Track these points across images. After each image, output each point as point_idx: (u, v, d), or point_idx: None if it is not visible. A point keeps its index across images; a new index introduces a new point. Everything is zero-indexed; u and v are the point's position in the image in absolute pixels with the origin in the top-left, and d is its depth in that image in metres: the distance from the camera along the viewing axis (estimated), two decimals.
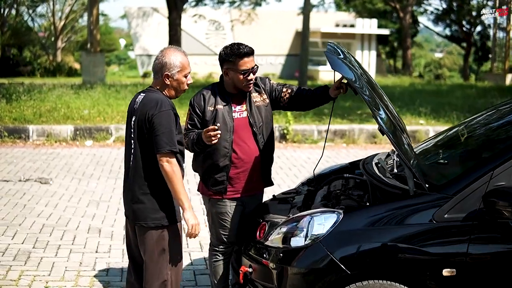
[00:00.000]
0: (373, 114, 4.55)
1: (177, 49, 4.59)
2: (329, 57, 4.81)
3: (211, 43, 41.17)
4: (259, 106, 5.20)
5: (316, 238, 4.44)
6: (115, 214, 8.28)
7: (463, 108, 16.64)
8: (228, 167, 5.10)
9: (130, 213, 4.64)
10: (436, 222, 4.34)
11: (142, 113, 4.45)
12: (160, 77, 4.54)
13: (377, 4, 40.61)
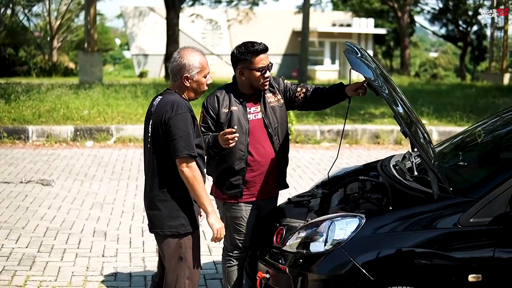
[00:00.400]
0: (396, 116, 4.42)
1: (194, 50, 4.43)
2: (349, 57, 4.67)
3: (207, 43, 41.04)
4: (273, 106, 5.06)
5: (337, 243, 4.31)
6: (120, 216, 8.12)
7: (465, 108, 16.52)
8: (244, 170, 4.96)
9: (148, 220, 4.50)
10: (462, 226, 4.22)
11: (158, 117, 4.31)
12: (179, 79, 4.37)
13: (373, 4, 40.50)
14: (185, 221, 4.36)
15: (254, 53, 4.84)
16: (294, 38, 44.01)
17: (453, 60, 74.69)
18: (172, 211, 4.34)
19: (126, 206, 8.61)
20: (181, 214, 4.35)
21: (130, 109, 14.80)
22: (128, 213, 8.28)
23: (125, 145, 12.92)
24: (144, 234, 7.39)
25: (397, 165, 5.30)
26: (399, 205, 4.53)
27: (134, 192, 9.32)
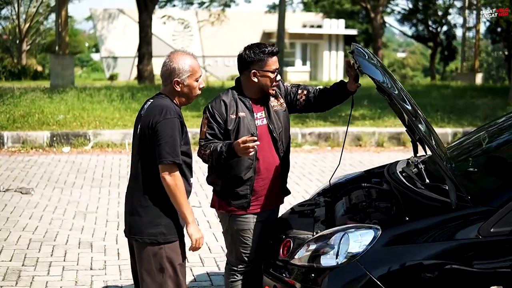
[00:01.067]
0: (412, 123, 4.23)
1: (184, 53, 4.26)
2: (360, 61, 4.46)
3: (178, 45, 40.71)
4: (277, 111, 4.83)
5: (352, 256, 4.08)
6: (105, 226, 7.82)
7: (445, 108, 16.43)
8: (252, 180, 4.71)
9: (126, 226, 4.33)
10: (482, 236, 4.01)
11: (146, 120, 4.15)
12: (170, 83, 4.20)
13: (344, 5, 40.51)
14: (166, 229, 4.18)
15: (269, 54, 4.65)
16: (265, 39, 43.86)
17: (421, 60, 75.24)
18: (153, 218, 4.17)
19: (110, 215, 8.32)
20: (163, 222, 4.18)
21: (106, 113, 14.47)
22: (113, 222, 7.99)
23: (103, 151, 12.59)
24: None
25: (404, 172, 5.09)
26: (413, 214, 4.32)
27: (117, 200, 9.02)
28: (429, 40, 46.85)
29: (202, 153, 4.59)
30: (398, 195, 4.75)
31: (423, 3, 43.39)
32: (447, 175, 4.16)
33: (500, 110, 16.54)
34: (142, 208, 4.18)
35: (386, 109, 16.10)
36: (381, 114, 15.58)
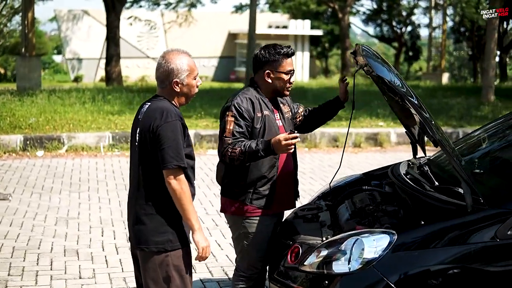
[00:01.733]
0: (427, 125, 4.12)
1: (179, 52, 4.11)
2: (372, 63, 4.35)
3: (143, 46, 40.40)
4: (287, 117, 4.83)
5: (368, 262, 3.97)
6: (89, 233, 7.60)
7: None
8: (274, 178, 4.65)
9: (132, 236, 4.15)
10: (499, 240, 3.93)
11: (146, 124, 3.99)
12: (168, 85, 4.05)
13: (310, 5, 40.51)
14: (172, 236, 4.03)
15: (285, 55, 4.60)
16: (230, 40, 43.74)
17: None
18: (159, 226, 4.02)
19: (92, 220, 8.10)
20: (169, 229, 4.02)
21: (79, 116, 14.18)
22: (96, 228, 7.78)
23: (78, 154, 12.32)
24: (120, 252, 6.91)
25: (408, 174, 4.98)
26: (427, 218, 4.21)
27: (97, 205, 8.80)
28: (393, 40, 47.12)
29: (229, 151, 4.44)
30: (407, 198, 4.65)
31: (387, 4, 43.61)
32: (463, 178, 4.07)
33: (474, 109, 16.63)
34: (147, 216, 4.02)
35: (361, 109, 16.09)
36: (356, 114, 15.53)
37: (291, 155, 4.74)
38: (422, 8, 42.58)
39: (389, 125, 14.61)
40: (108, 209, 8.59)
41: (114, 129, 13.08)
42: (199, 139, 13.02)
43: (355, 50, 5.02)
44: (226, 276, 6.30)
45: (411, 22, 46.76)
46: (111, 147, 12.55)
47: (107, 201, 9.00)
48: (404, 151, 13.43)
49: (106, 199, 9.11)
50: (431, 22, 31.97)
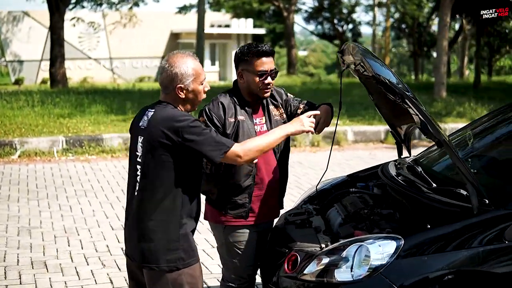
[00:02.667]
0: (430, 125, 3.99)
1: (185, 54, 3.82)
2: (370, 62, 4.20)
3: (84, 47, 39.73)
4: (277, 120, 4.55)
5: (375, 269, 3.82)
6: (54, 243, 7.29)
7: (373, 106, 16.38)
8: (251, 187, 4.41)
9: (137, 254, 3.80)
10: (509, 241, 3.84)
11: (155, 134, 3.68)
12: (172, 91, 3.77)
13: (253, 4, 40.44)
14: (184, 253, 3.76)
15: (255, 54, 4.31)
16: (173, 40, 43.36)
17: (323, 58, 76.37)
18: (169, 242, 3.73)
19: (56, 230, 7.78)
20: (180, 245, 3.75)
21: (29, 120, 13.75)
22: (61, 238, 7.47)
23: (32, 160, 11.90)
24: (90, 263, 6.64)
25: (400, 175, 4.86)
26: (432, 221, 4.09)
27: (59, 213, 8.47)
28: (335, 38, 47.39)
29: None
30: (404, 201, 4.53)
31: (329, 2, 43.84)
32: (468, 179, 3.95)
33: (428, 106, 16.71)
34: (156, 232, 3.71)
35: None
36: None
37: (274, 165, 4.52)
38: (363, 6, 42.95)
39: (345, 123, 14.56)
40: (71, 217, 8.28)
41: (67, 133, 12.71)
42: None
43: (343, 49, 4.88)
44: (205, 284, 6.09)
45: (352, 20, 47.12)
46: (65, 151, 12.18)
47: (68, 209, 8.68)
48: (361, 149, 13.42)
49: (67, 206, 8.79)
50: (375, 19, 32.23)
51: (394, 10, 38.52)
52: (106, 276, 6.29)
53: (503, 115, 5.35)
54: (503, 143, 5.05)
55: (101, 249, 7.08)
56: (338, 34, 46.01)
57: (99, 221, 8.11)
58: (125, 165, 11.44)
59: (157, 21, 41.45)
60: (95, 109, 15.31)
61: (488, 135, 5.29)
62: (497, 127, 5.28)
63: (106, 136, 12.51)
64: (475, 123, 5.60)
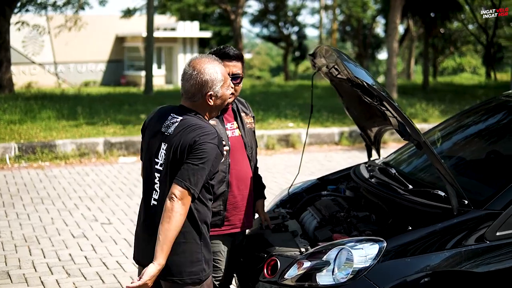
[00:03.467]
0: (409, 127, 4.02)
1: (211, 59, 3.69)
2: (348, 66, 4.20)
3: (29, 51, 39.03)
4: (250, 128, 4.52)
5: (358, 271, 3.83)
6: (15, 252, 7.11)
7: (326, 108, 16.51)
8: (225, 194, 4.33)
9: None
10: (489, 241, 3.90)
11: (184, 141, 3.54)
12: (201, 98, 3.63)
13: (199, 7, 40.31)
14: (206, 265, 3.69)
15: (220, 57, 4.18)
16: (118, 44, 42.96)
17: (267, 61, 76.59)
18: (193, 255, 3.63)
19: (16, 239, 7.59)
20: (201, 257, 3.66)
21: None
22: (22, 247, 7.29)
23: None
24: (54, 272, 6.51)
25: (373, 177, 4.89)
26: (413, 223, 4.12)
27: (17, 222, 8.27)
28: (280, 41, 47.60)
29: None
30: (380, 203, 4.55)
31: (274, 4, 43.99)
32: (448, 180, 3.99)
33: None
34: (179, 244, 3.57)
35: (269, 111, 16.04)
36: (264, 116, 15.47)
37: (248, 171, 4.46)
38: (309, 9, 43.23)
39: (299, 125, 14.60)
40: (30, 226, 8.10)
41: (19, 139, 12.43)
42: (109, 147, 12.57)
43: (315, 52, 4.89)
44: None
45: (297, 23, 47.39)
46: (18, 158, 11.92)
47: (26, 217, 8.49)
48: (316, 151, 13.46)
49: (24, 215, 8.59)
50: (321, 22, 32.48)
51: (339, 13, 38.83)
52: (72, 285, 6.18)
53: (474, 116, 5.42)
54: (478, 143, 5.12)
55: (64, 257, 6.94)
56: (284, 37, 46.21)
57: (59, 229, 7.95)
58: (80, 171, 11.28)
59: (102, 25, 40.99)
60: (46, 114, 15.03)
61: (459, 136, 5.36)
62: (469, 128, 5.36)
63: (59, 142, 12.29)
64: (443, 124, 5.66)
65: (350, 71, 4.14)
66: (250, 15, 46.34)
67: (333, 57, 4.46)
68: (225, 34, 45.33)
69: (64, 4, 28.37)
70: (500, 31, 36.49)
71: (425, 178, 4.81)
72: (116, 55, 42.97)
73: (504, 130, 5.00)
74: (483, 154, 4.91)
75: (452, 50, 45.83)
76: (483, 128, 5.29)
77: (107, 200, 9.37)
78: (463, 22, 36.14)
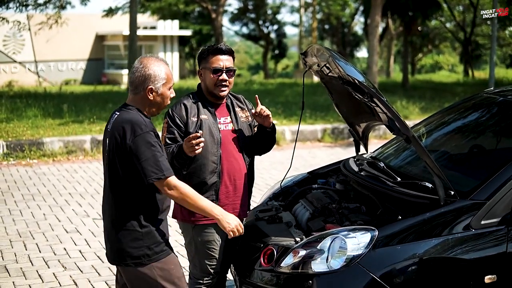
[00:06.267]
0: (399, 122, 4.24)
1: (158, 59, 4.00)
2: (340, 64, 4.41)
3: (9, 50, 38.85)
4: (244, 122, 4.75)
5: (352, 259, 4.05)
6: (11, 247, 7.27)
7: (308, 106, 16.74)
8: (217, 185, 4.58)
9: (108, 253, 4.05)
10: (474, 229, 4.14)
11: (114, 136, 3.88)
12: (142, 91, 3.93)
13: (179, 6, 40.36)
14: (150, 249, 3.95)
15: (211, 52, 4.56)
16: (98, 43, 42.87)
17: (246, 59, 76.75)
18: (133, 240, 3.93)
19: (10, 234, 7.74)
20: (144, 242, 3.93)
21: None
22: (17, 242, 7.45)
23: None
24: (50, 266, 6.69)
25: (362, 171, 5.11)
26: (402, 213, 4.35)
27: (10, 218, 8.41)
28: (260, 39, 47.78)
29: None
30: (370, 194, 4.77)
31: (254, 3, 44.17)
32: (435, 172, 4.22)
33: None
34: (119, 230, 3.91)
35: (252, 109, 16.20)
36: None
37: (242, 164, 4.68)
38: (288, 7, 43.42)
39: (282, 123, 14.82)
40: (23, 221, 8.25)
41: (7, 137, 12.55)
42: (96, 144, 12.73)
43: (306, 51, 5.09)
44: None
45: (277, 21, 47.59)
46: (6, 156, 12.04)
47: (18, 213, 8.64)
48: (300, 148, 13.67)
49: (17, 211, 8.74)
50: (301, 20, 32.68)
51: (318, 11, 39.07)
52: (69, 278, 6.35)
53: (457, 112, 5.67)
54: (461, 138, 5.37)
55: (59, 252, 7.11)
56: (263, 35, 46.40)
57: (52, 225, 8.11)
58: (68, 169, 11.42)
59: (82, 23, 40.87)
60: (32, 113, 15.13)
61: (443, 132, 5.59)
62: (453, 123, 5.60)
63: (47, 140, 12.43)
64: (427, 120, 5.90)
65: (342, 69, 4.36)
66: (229, 13, 46.50)
67: (325, 56, 4.67)
68: (206, 32, 45.45)
69: (45, 2, 28.35)
70: (477, 29, 36.96)
71: (412, 170, 5.03)
72: (97, 54, 42.88)
73: (486, 125, 5.26)
74: (466, 148, 5.16)
75: (430, 48, 46.29)
76: (466, 123, 5.53)
77: (97, 196, 9.53)
78: (441, 21, 36.56)
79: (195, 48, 51.16)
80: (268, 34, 46.70)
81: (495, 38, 12.75)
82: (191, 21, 47.26)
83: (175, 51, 43.41)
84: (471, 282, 4.10)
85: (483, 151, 5.01)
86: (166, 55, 42.83)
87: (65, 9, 28.99)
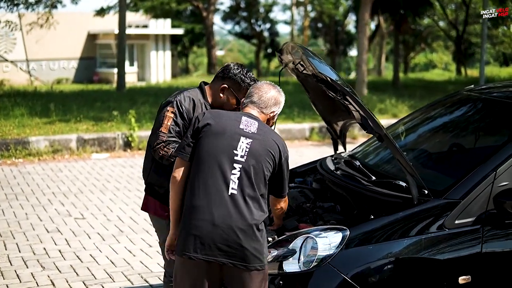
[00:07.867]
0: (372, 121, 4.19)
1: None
2: (313, 62, 4.37)
3: (1, 49, 38.78)
4: None
5: (322, 259, 4.00)
6: None
7: (297, 104, 16.68)
8: None
9: (239, 255, 3.80)
10: (448, 229, 4.09)
11: (268, 145, 3.94)
12: (269, 113, 4.18)
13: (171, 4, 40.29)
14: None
15: (248, 85, 4.43)
16: (90, 41, 42.81)
17: (239, 58, 76.72)
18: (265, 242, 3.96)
19: None
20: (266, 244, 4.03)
21: None
22: None
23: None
24: (29, 265, 6.62)
25: (338, 169, 5.07)
26: (375, 212, 4.31)
27: None
28: (252, 38, 47.74)
29: (162, 149, 4.33)
30: (345, 194, 4.73)
31: (246, 1, 44.12)
32: (408, 171, 4.18)
33: None
34: (261, 230, 3.86)
35: None
36: None
37: None
38: (280, 5, 43.40)
39: None
40: (4, 221, 8.18)
41: None
42: (82, 143, 12.66)
43: (282, 48, 5.05)
44: (147, 283, 6.17)
45: (269, 19, 47.55)
46: None
47: (0, 213, 8.56)
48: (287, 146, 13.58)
49: None
50: (293, 19, 32.66)
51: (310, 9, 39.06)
52: (47, 278, 6.29)
53: (436, 110, 5.63)
54: (437, 136, 5.32)
55: (39, 251, 7.05)
56: (256, 34, 46.36)
57: (33, 224, 8.05)
58: (53, 168, 11.35)
59: (74, 22, 40.81)
60: (19, 112, 15.04)
61: (422, 129, 5.56)
62: (432, 121, 5.56)
63: (32, 139, 12.35)
64: (407, 118, 5.86)
65: (314, 67, 4.32)
66: (222, 12, 46.45)
67: (299, 54, 4.63)
68: (198, 31, 45.39)
69: (36, 1, 28.28)
70: (470, 28, 36.98)
71: (389, 170, 4.99)
72: (88, 52, 42.82)
73: (465, 123, 5.22)
74: (445, 146, 5.12)
75: (423, 47, 46.31)
76: (445, 121, 5.49)
77: (80, 195, 9.47)
78: (433, 19, 36.57)
79: (187, 47, 51.15)
80: (261, 33, 46.65)
81: (485, 37, 12.70)
82: (183, 20, 47.20)
83: (167, 49, 43.36)
84: (445, 283, 4.05)
85: (461, 150, 4.97)
86: (158, 53, 42.79)
87: (55, 8, 28.91)
